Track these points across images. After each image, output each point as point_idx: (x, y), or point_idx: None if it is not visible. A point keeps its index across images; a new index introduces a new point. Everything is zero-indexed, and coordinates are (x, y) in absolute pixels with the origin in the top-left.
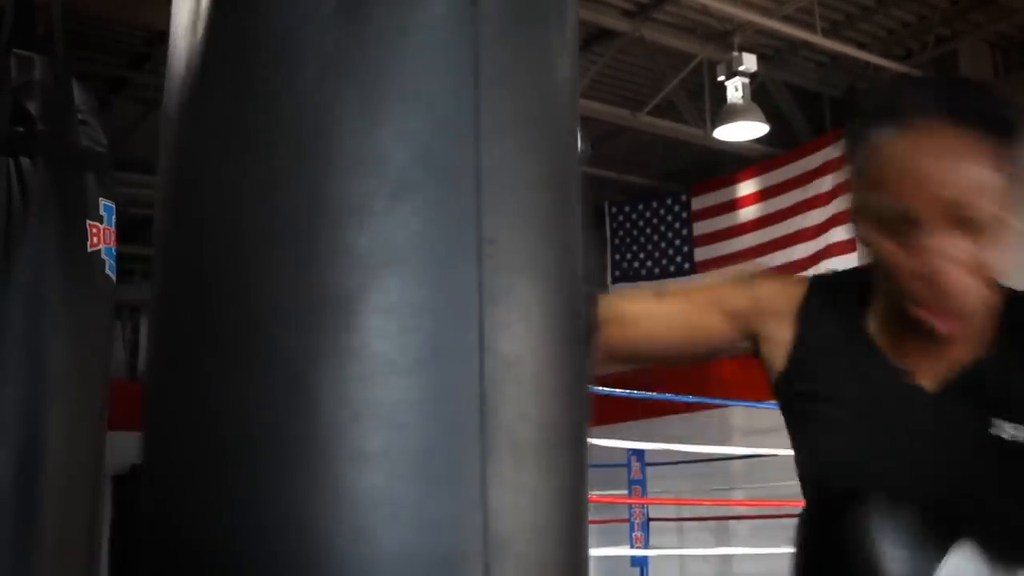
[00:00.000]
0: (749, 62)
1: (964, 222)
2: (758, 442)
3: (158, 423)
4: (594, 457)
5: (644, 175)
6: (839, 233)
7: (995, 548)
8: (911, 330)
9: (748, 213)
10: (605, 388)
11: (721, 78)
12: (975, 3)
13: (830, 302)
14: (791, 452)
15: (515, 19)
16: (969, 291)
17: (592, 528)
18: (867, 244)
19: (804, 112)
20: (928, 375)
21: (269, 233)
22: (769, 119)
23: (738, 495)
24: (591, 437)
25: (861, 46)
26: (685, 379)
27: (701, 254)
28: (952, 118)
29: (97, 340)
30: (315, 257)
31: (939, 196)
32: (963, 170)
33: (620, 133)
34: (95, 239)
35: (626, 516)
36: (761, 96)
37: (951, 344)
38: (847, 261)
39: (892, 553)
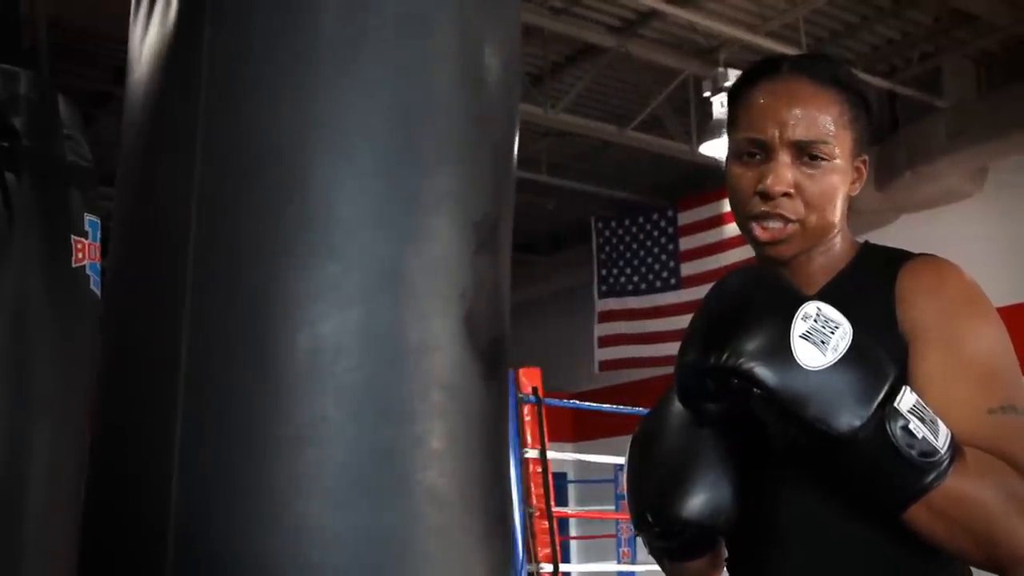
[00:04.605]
0: (734, 78)
1: (805, 153)
2: None
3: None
4: (581, 472)
5: (631, 190)
6: None
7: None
8: (762, 261)
9: (734, 228)
10: (592, 404)
11: (707, 94)
12: (958, 21)
13: None
14: None
15: None
16: (797, 208)
17: (579, 543)
18: (727, 181)
19: None
20: None
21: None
22: None
23: None
24: (579, 453)
25: (846, 62)
26: None
27: (687, 269)
28: (806, 74)
29: (81, 355)
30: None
31: (787, 129)
32: (810, 111)
33: (606, 148)
34: (80, 254)
35: (613, 531)
36: None
37: (796, 277)
38: None
39: None
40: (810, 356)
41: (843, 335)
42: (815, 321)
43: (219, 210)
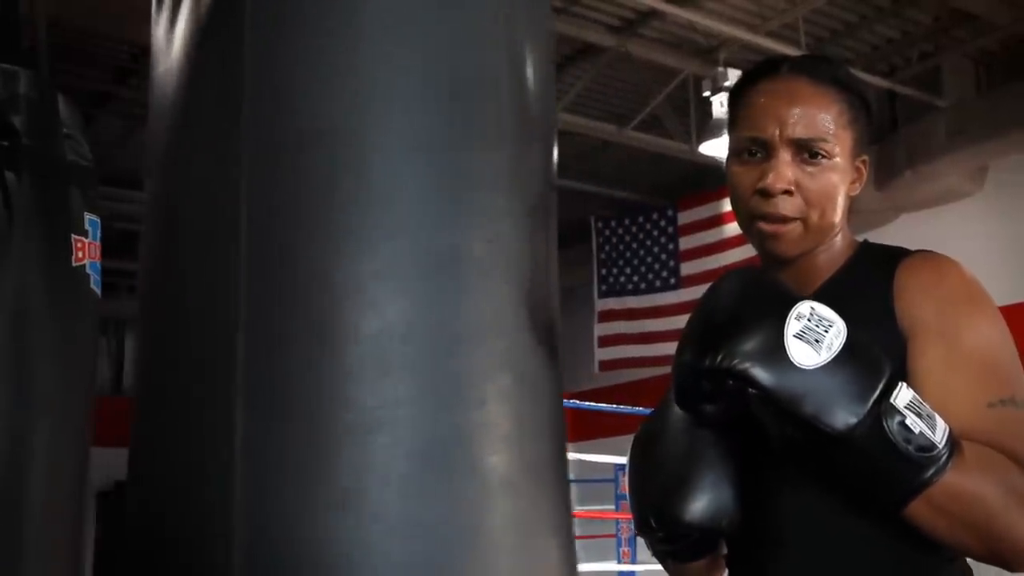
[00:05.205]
0: (734, 78)
1: (805, 151)
2: None
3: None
4: (581, 472)
5: (630, 190)
6: None
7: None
8: (765, 260)
9: (733, 228)
10: (592, 403)
11: (706, 93)
12: (958, 20)
13: None
14: None
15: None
16: (798, 206)
17: (579, 543)
18: (728, 180)
19: None
20: None
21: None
22: None
23: None
24: (579, 453)
25: (845, 62)
26: None
27: (687, 268)
28: (806, 74)
29: (82, 355)
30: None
31: (787, 128)
32: (810, 110)
33: (606, 148)
34: (80, 253)
35: (613, 531)
36: None
37: (796, 276)
38: None
39: None
40: (805, 355)
41: (837, 333)
42: (809, 320)
43: (271, 193)
